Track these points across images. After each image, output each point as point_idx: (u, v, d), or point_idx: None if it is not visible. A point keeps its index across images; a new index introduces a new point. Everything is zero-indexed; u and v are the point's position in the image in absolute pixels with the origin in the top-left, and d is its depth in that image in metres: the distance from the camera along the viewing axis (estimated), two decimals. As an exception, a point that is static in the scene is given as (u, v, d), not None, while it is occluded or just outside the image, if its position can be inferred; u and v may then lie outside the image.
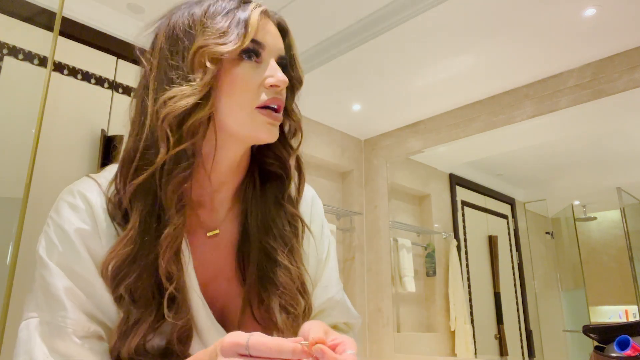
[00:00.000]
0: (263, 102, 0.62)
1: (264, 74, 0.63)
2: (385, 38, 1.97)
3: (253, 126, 0.63)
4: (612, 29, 1.87)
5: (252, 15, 0.62)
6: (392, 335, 2.63)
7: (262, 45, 0.63)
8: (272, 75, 0.63)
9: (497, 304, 2.55)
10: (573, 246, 2.31)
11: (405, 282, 2.69)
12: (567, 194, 2.40)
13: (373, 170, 2.95)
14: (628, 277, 2.05)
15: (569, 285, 2.32)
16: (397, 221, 2.81)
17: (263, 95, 0.63)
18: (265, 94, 0.63)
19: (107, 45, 1.91)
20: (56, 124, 1.69)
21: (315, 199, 0.79)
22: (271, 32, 0.66)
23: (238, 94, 0.62)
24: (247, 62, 0.62)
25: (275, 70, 0.64)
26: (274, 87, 0.63)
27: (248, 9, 0.63)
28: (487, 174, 2.75)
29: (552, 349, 2.32)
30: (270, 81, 0.63)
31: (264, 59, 0.64)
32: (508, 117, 2.34)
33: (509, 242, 2.58)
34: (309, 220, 0.74)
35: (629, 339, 1.26)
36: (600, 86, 2.05)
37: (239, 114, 0.62)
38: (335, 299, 0.75)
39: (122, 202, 0.60)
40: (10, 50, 1.65)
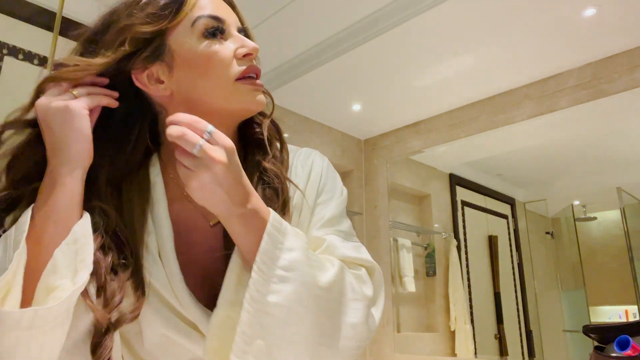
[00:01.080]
0: (241, 72, 0.62)
1: (233, 46, 0.63)
2: (385, 38, 1.97)
3: (239, 98, 0.62)
4: (612, 29, 1.87)
5: None
6: (392, 335, 2.63)
7: (220, 19, 0.62)
8: (242, 45, 0.63)
9: (497, 304, 2.55)
10: (573, 246, 2.31)
11: (405, 282, 2.69)
12: (567, 194, 2.40)
13: (373, 170, 2.95)
14: (628, 277, 2.05)
15: (569, 285, 2.32)
16: (397, 221, 2.81)
17: (238, 66, 0.62)
18: (240, 65, 0.62)
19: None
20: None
21: (316, 162, 0.75)
22: (223, 5, 0.65)
23: (214, 73, 0.61)
24: (213, 40, 0.61)
25: (243, 40, 0.63)
26: (247, 56, 0.63)
27: None
28: (487, 174, 2.75)
29: (552, 349, 2.32)
30: (243, 51, 0.62)
31: (228, 30, 0.63)
32: (508, 117, 2.34)
33: (509, 242, 2.58)
34: (304, 183, 0.71)
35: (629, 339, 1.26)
36: (600, 86, 2.05)
37: (221, 92, 0.61)
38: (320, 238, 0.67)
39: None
40: (10, 50, 1.65)
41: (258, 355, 0.50)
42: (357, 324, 0.58)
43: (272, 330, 0.51)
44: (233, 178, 0.52)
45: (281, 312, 0.51)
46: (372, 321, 0.62)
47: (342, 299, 0.57)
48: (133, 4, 0.60)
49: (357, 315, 0.58)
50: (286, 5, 1.87)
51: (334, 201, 0.71)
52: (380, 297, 0.65)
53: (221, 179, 0.51)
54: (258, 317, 0.51)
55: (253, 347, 0.50)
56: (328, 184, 0.73)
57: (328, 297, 0.55)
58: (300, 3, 1.85)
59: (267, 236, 0.53)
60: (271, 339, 0.51)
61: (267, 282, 0.52)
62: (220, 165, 0.50)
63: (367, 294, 0.61)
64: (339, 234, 0.67)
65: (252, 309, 0.51)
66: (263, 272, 0.52)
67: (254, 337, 0.50)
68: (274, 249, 0.53)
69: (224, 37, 0.63)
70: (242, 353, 0.50)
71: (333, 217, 0.69)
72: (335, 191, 0.73)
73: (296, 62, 2.24)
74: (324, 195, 0.71)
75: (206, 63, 0.60)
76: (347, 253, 0.64)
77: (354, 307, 0.58)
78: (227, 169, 0.51)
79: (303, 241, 0.57)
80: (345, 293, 0.58)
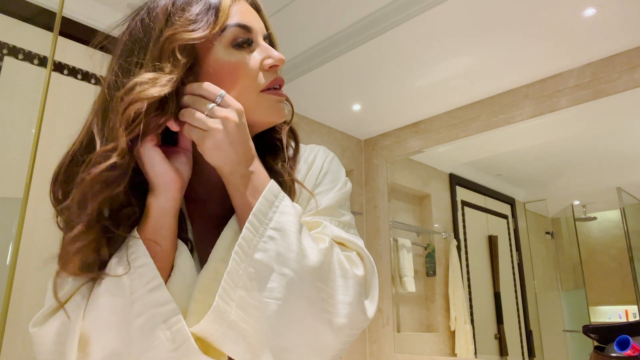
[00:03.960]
0: (267, 84, 0.62)
1: (259, 57, 0.62)
2: (385, 38, 1.97)
3: (263, 109, 0.62)
4: (612, 29, 1.87)
5: (223, 1, 0.60)
6: (392, 335, 2.63)
7: (249, 27, 0.62)
8: (269, 57, 0.62)
9: (497, 304, 2.55)
10: (573, 246, 2.31)
11: (405, 282, 2.69)
12: (567, 194, 2.40)
13: (373, 170, 2.95)
14: (628, 277, 2.05)
15: (569, 285, 2.32)
16: (397, 221, 2.81)
17: (264, 78, 0.62)
18: (265, 77, 0.62)
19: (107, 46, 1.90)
20: (56, 124, 1.69)
21: (318, 156, 0.74)
22: (251, 12, 0.64)
23: (239, 84, 0.60)
24: (241, 50, 0.61)
25: (270, 50, 0.63)
26: (273, 67, 0.62)
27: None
28: (487, 174, 2.75)
29: (552, 349, 2.32)
30: (269, 62, 0.62)
31: (255, 40, 0.63)
32: (508, 117, 2.34)
33: (509, 242, 2.58)
34: (304, 174, 0.71)
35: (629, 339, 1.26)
36: (600, 86, 2.05)
37: (245, 103, 0.60)
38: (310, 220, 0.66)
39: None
40: (10, 50, 1.65)
41: (240, 304, 0.52)
42: (348, 302, 0.56)
43: (254, 286, 0.52)
44: (241, 137, 0.56)
45: (263, 270, 0.52)
46: (365, 306, 0.60)
47: (330, 274, 0.56)
48: (165, 11, 0.59)
49: (347, 293, 0.57)
50: (286, 5, 1.87)
51: (333, 192, 0.70)
52: (374, 288, 0.63)
53: (233, 137, 0.55)
54: (244, 268, 0.52)
55: (236, 295, 0.52)
56: (329, 175, 0.72)
57: (314, 267, 0.54)
58: (300, 3, 1.85)
59: (264, 198, 0.56)
60: (252, 294, 0.52)
61: (256, 238, 0.53)
62: (232, 123, 0.55)
63: (357, 274, 0.59)
64: (334, 222, 0.67)
65: (240, 260, 0.52)
66: (254, 228, 0.54)
67: (237, 286, 0.52)
68: (267, 210, 0.55)
69: (251, 47, 0.62)
70: (227, 297, 0.51)
71: (330, 206, 0.68)
72: (337, 183, 0.72)
73: (296, 62, 2.24)
74: (322, 185, 0.70)
75: (232, 74, 0.60)
76: (339, 234, 0.64)
77: (343, 284, 0.57)
78: (237, 127, 0.55)
79: (299, 211, 0.58)
80: (333, 269, 0.57)
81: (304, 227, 0.57)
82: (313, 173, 0.71)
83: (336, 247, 0.60)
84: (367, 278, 0.62)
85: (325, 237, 0.60)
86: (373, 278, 0.63)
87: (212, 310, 0.51)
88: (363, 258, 0.64)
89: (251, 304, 0.52)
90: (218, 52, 0.60)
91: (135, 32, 0.60)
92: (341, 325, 0.56)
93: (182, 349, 0.51)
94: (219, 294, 0.51)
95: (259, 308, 0.52)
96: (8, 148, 1.59)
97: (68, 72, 1.79)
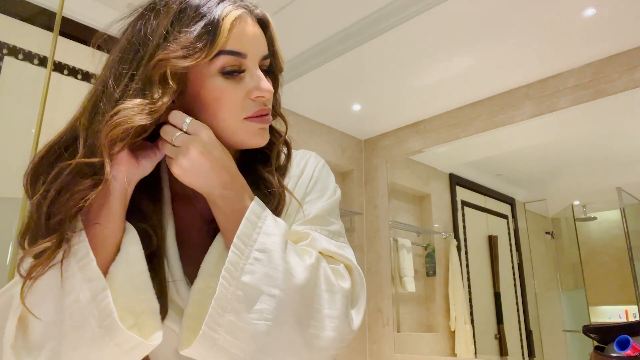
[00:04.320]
0: (252, 113, 0.61)
1: (248, 86, 0.61)
2: (385, 38, 1.97)
3: (244, 135, 0.62)
4: (612, 29, 1.87)
5: (224, 22, 0.58)
6: (392, 335, 2.63)
7: (242, 54, 0.60)
8: (257, 87, 0.61)
9: (497, 304, 2.55)
10: (573, 246, 2.31)
11: (405, 282, 2.69)
12: (567, 194, 2.41)
13: (373, 170, 2.95)
14: (628, 277, 2.05)
15: (569, 285, 2.32)
16: (397, 221, 2.81)
17: (250, 106, 0.61)
18: (250, 106, 0.61)
19: (107, 45, 1.91)
20: (56, 124, 1.69)
21: (309, 163, 0.74)
22: (252, 34, 0.62)
23: (223, 111, 0.60)
24: (229, 76, 0.60)
25: (259, 80, 0.61)
26: (259, 98, 0.61)
27: (222, 12, 0.58)
28: (487, 174, 2.75)
29: (552, 349, 2.33)
30: (255, 94, 0.61)
31: (247, 67, 0.61)
32: (508, 117, 2.35)
33: (509, 242, 2.59)
34: (294, 182, 0.71)
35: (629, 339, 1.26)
36: (600, 86, 2.05)
37: (228, 128, 0.60)
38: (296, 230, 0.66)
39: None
40: (10, 50, 1.65)
41: (229, 329, 0.52)
42: (335, 316, 0.57)
43: (243, 308, 0.53)
44: (210, 162, 0.56)
45: (252, 292, 0.53)
46: (352, 318, 0.61)
47: (316, 289, 0.57)
48: (165, 25, 0.58)
49: (333, 307, 0.58)
50: (286, 5, 1.87)
51: (323, 200, 0.70)
52: (361, 299, 0.63)
53: (197, 164, 0.56)
54: (232, 292, 0.53)
55: (225, 320, 0.52)
56: (319, 184, 0.72)
57: (301, 285, 0.55)
58: (300, 3, 1.85)
59: (247, 220, 0.56)
60: (242, 316, 0.53)
61: (242, 261, 0.54)
62: (194, 152, 0.55)
63: (344, 287, 0.60)
64: (323, 231, 0.67)
65: (227, 285, 0.53)
66: (240, 251, 0.54)
67: (226, 311, 0.53)
68: (251, 232, 0.56)
69: (242, 74, 0.61)
70: (214, 325, 0.52)
71: (319, 215, 0.68)
72: (326, 191, 0.72)
73: (296, 62, 2.24)
74: (312, 194, 0.71)
75: (217, 101, 0.60)
76: (327, 247, 0.64)
77: (330, 298, 0.58)
78: (201, 154, 0.55)
79: (282, 229, 0.59)
80: (319, 284, 0.58)
81: (289, 244, 0.58)
82: (303, 181, 0.71)
83: (323, 261, 0.61)
84: (355, 289, 0.63)
85: (312, 250, 0.61)
86: (361, 289, 0.64)
87: (199, 338, 0.52)
88: (351, 270, 0.64)
89: (241, 327, 0.53)
90: (206, 78, 0.59)
91: (135, 39, 0.59)
92: (329, 338, 0.57)
93: (106, 325, 0.51)
94: (205, 323, 0.52)
95: (249, 330, 0.53)
96: (8, 148, 1.60)
97: (68, 72, 1.79)
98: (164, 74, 0.56)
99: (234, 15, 0.59)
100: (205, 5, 0.59)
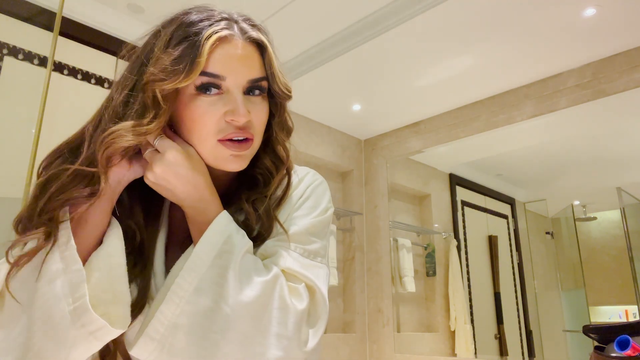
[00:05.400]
0: (225, 136, 0.61)
1: (224, 108, 0.60)
2: (385, 38, 1.97)
3: (217, 158, 0.62)
4: (612, 29, 1.87)
5: (205, 44, 0.58)
6: (392, 335, 2.63)
7: (219, 77, 0.60)
8: (232, 111, 0.60)
9: (497, 304, 2.55)
10: (573, 246, 2.31)
11: (405, 282, 2.69)
12: (567, 194, 2.41)
13: (373, 170, 2.95)
14: (628, 277, 2.05)
15: (569, 285, 2.32)
16: (397, 221, 2.81)
17: (225, 128, 0.61)
18: (225, 128, 0.61)
19: (107, 45, 1.91)
20: (56, 124, 1.69)
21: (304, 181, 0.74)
22: (236, 56, 0.61)
23: (198, 129, 0.61)
24: (206, 96, 0.60)
25: (236, 104, 0.60)
26: (233, 121, 0.61)
27: (206, 33, 0.59)
28: (487, 174, 2.75)
29: (552, 349, 2.33)
30: (228, 118, 0.60)
31: (227, 88, 0.61)
32: (508, 117, 2.34)
33: (509, 242, 2.59)
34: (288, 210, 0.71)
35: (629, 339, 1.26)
36: (600, 86, 2.05)
37: (202, 147, 0.61)
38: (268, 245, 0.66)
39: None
40: (10, 50, 1.65)
41: (174, 338, 0.54)
42: (284, 335, 0.57)
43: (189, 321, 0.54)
44: (175, 179, 0.60)
45: (200, 306, 0.55)
46: (306, 339, 0.59)
47: (267, 307, 0.57)
48: (159, 47, 0.59)
49: (283, 326, 0.57)
50: (286, 5, 1.87)
51: (307, 219, 0.69)
52: (320, 321, 0.62)
53: (160, 179, 0.60)
54: (181, 307, 0.54)
55: (170, 329, 0.54)
56: (309, 201, 0.71)
57: (251, 301, 0.56)
58: (300, 3, 1.85)
59: (205, 238, 0.58)
60: (188, 329, 0.54)
61: (195, 275, 0.56)
62: (157, 169, 0.59)
63: (297, 308, 0.59)
64: (298, 249, 0.65)
65: (177, 297, 0.55)
66: (195, 266, 0.56)
67: (171, 322, 0.54)
68: (209, 249, 0.58)
69: (221, 92, 0.61)
70: (158, 330, 0.54)
71: (299, 232, 0.66)
72: (315, 209, 0.70)
73: (296, 62, 2.24)
74: (300, 210, 0.69)
75: (193, 120, 0.61)
76: (291, 265, 0.63)
77: (279, 317, 0.57)
78: (163, 172, 0.59)
79: (243, 245, 0.60)
80: (271, 302, 0.58)
81: (246, 260, 0.59)
82: (293, 198, 0.71)
83: (281, 278, 0.60)
84: (315, 310, 0.62)
85: (274, 267, 0.61)
86: (321, 311, 0.63)
87: (142, 339, 0.54)
88: (313, 291, 0.63)
89: (184, 338, 0.54)
90: (184, 96, 0.61)
91: (141, 58, 0.62)
92: (275, 358, 0.56)
93: (77, 306, 0.54)
94: (150, 325, 0.54)
95: (194, 342, 0.54)
96: (8, 148, 1.60)
97: (68, 72, 1.79)
98: (154, 96, 0.58)
99: (217, 37, 0.59)
100: (197, 26, 0.60)
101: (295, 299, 0.60)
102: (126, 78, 0.61)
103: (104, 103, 0.62)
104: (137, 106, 0.58)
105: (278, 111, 0.69)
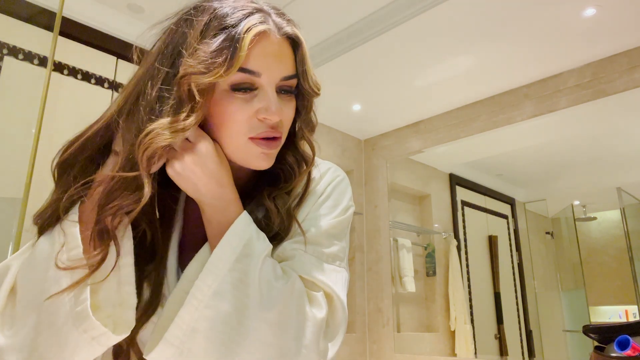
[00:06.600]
0: (257, 134, 0.59)
1: (257, 105, 0.59)
2: (385, 38, 1.97)
3: (246, 156, 0.61)
4: (612, 29, 1.87)
5: (245, 38, 0.56)
6: (392, 335, 2.63)
7: (256, 73, 0.58)
8: (265, 109, 0.59)
9: (497, 304, 2.55)
10: (573, 246, 2.31)
11: (405, 282, 2.69)
12: (567, 194, 2.41)
13: (373, 170, 2.95)
14: (628, 277, 2.05)
15: (569, 285, 2.32)
16: (397, 221, 2.81)
17: (257, 126, 0.59)
18: (258, 126, 0.59)
19: (107, 45, 1.91)
20: (56, 124, 1.69)
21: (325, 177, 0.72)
22: (272, 52, 0.59)
23: (229, 126, 0.59)
24: (240, 92, 0.58)
25: (270, 102, 0.59)
26: (265, 120, 0.59)
27: (244, 26, 0.56)
28: (487, 174, 2.75)
29: (552, 349, 2.33)
30: (261, 116, 0.59)
31: (261, 86, 0.59)
32: (508, 117, 2.34)
33: (509, 242, 2.59)
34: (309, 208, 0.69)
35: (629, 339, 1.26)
36: (600, 86, 2.05)
37: (231, 144, 0.60)
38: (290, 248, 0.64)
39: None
40: (10, 50, 1.65)
41: (193, 345, 0.53)
42: (303, 345, 0.55)
43: (208, 328, 0.53)
44: (202, 172, 0.57)
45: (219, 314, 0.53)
46: (325, 348, 0.58)
47: (286, 316, 0.55)
48: (194, 35, 0.57)
49: (301, 336, 0.55)
50: (286, 5, 1.87)
51: (328, 218, 0.67)
52: (340, 330, 0.61)
53: (188, 171, 0.57)
54: (200, 311, 0.53)
55: (189, 335, 0.53)
56: (330, 200, 0.69)
57: (270, 310, 0.54)
58: (300, 3, 1.85)
59: (225, 240, 0.56)
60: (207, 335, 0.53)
61: (214, 281, 0.54)
62: (188, 159, 0.57)
63: (317, 316, 0.57)
64: (316, 252, 0.63)
65: (196, 303, 0.53)
66: (214, 269, 0.54)
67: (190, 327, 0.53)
68: (228, 254, 0.55)
69: (254, 92, 0.59)
70: (178, 336, 0.53)
71: (318, 234, 0.64)
72: (335, 209, 0.68)
73: (296, 62, 2.24)
74: (320, 210, 0.68)
75: (224, 116, 0.59)
76: (309, 271, 0.61)
77: (298, 326, 0.56)
78: (193, 163, 0.57)
79: (263, 249, 0.57)
80: (290, 311, 0.56)
81: (267, 264, 0.57)
82: (314, 195, 0.69)
83: (300, 285, 0.58)
84: (334, 319, 0.61)
85: (292, 273, 0.59)
86: (340, 319, 0.61)
87: (161, 345, 0.53)
88: (331, 298, 0.61)
89: (204, 346, 0.52)
90: (218, 92, 0.58)
91: (170, 47, 0.59)
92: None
93: (79, 311, 0.53)
94: (169, 331, 0.53)
95: (212, 350, 0.52)
96: (8, 148, 1.59)
97: (68, 72, 1.79)
98: (189, 90, 0.55)
99: (256, 31, 0.57)
100: (232, 17, 0.57)
101: (315, 307, 0.59)
102: (158, 70, 0.57)
103: (131, 94, 0.59)
104: (173, 101, 0.56)
105: (305, 108, 0.69)
